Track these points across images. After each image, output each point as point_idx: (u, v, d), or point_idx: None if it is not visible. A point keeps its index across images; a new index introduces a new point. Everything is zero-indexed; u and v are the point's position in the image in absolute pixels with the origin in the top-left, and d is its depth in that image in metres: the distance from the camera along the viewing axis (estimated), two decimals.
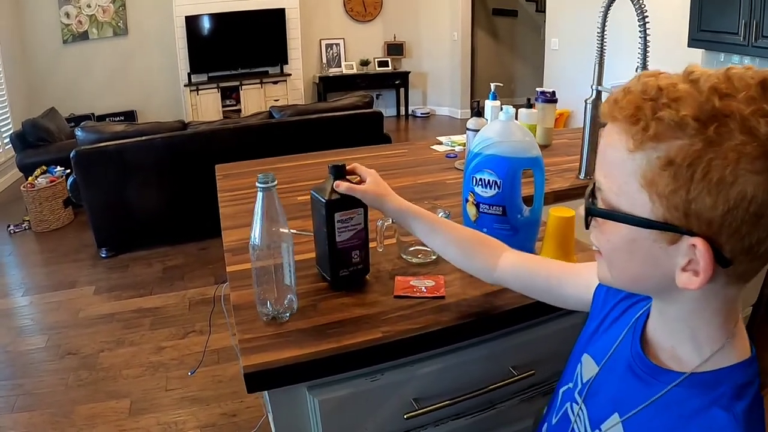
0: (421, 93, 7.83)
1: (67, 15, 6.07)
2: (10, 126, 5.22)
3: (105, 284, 3.15)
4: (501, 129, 1.05)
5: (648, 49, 1.42)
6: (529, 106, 1.93)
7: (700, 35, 3.90)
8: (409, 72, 7.54)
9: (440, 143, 2.03)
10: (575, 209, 1.13)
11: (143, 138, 3.33)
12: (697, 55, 3.96)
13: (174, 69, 6.47)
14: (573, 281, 0.79)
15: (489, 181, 1.04)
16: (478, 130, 1.71)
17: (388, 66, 7.49)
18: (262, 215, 0.81)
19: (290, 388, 0.83)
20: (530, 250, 1.10)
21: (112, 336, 2.63)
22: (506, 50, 8.21)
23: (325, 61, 7.31)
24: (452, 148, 1.94)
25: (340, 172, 0.93)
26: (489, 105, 1.86)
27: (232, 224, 1.27)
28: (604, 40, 1.58)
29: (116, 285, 3.13)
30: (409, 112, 7.72)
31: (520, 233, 1.07)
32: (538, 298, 0.84)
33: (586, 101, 1.68)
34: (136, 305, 2.90)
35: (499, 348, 0.97)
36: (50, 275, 3.31)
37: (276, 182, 0.83)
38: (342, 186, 0.91)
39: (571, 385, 0.72)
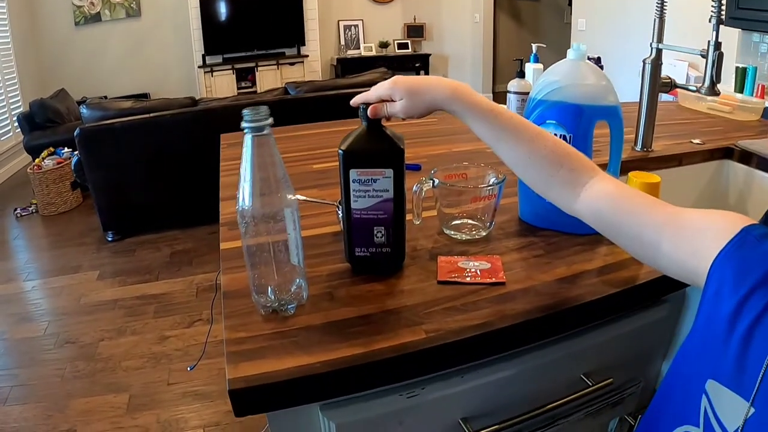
0: (442, 76, 7.56)
1: None
2: (21, 109, 5.09)
3: (109, 269, 2.99)
4: (570, 70, 0.81)
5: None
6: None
7: (739, 13, 3.58)
8: (430, 54, 7.29)
9: None
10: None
11: (151, 115, 3.14)
12: (733, 35, 3.64)
13: (188, 50, 6.31)
14: (675, 235, 0.54)
15: (555, 135, 0.80)
16: (522, 93, 1.49)
17: (407, 48, 7.25)
18: (252, 169, 0.57)
19: (297, 408, 0.61)
20: None
21: (114, 324, 2.46)
22: (529, 33, 7.91)
23: (343, 42, 7.09)
24: None
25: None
26: (531, 68, 1.63)
27: (232, 194, 1.05)
28: None
29: (121, 270, 2.96)
30: None
31: None
32: (626, 249, 0.62)
33: (644, 61, 1.44)
34: (140, 291, 2.73)
35: (571, 351, 0.75)
36: (54, 259, 3.18)
37: (271, 120, 0.59)
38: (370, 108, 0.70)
39: (696, 430, 0.49)
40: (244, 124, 0.57)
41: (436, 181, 0.83)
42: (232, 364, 0.56)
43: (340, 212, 0.78)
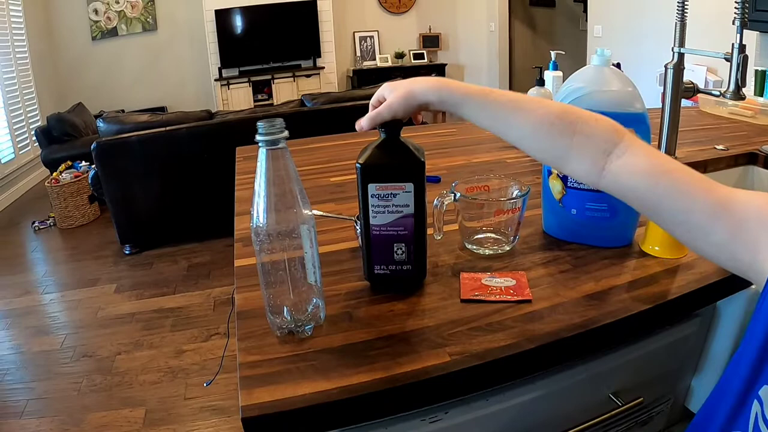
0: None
1: (96, 11, 5.99)
2: (39, 123, 5.16)
3: (127, 282, 2.99)
4: (594, 76, 0.78)
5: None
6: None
7: (757, 15, 3.50)
8: (446, 64, 7.28)
9: None
10: None
11: (168, 128, 3.15)
12: (752, 38, 3.56)
13: (204, 64, 6.36)
14: (730, 226, 0.49)
15: None
16: None
17: (423, 58, 7.24)
18: (266, 185, 0.55)
19: None
20: (629, 238, 0.84)
21: (131, 337, 2.45)
22: (544, 41, 7.86)
23: (359, 54, 7.10)
24: None
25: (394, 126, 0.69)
26: (550, 75, 1.60)
27: (246, 209, 1.03)
28: None
29: (138, 283, 2.96)
30: None
31: (620, 216, 0.80)
32: (665, 229, 0.55)
33: (666, 66, 1.40)
34: (157, 305, 2.72)
35: (599, 370, 0.71)
36: (71, 273, 3.19)
37: (287, 134, 0.56)
38: (362, 122, 0.68)
39: None
40: (258, 137, 0.55)
41: (458, 194, 0.80)
42: (246, 389, 0.53)
43: (358, 228, 0.76)
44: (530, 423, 0.68)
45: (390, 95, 0.66)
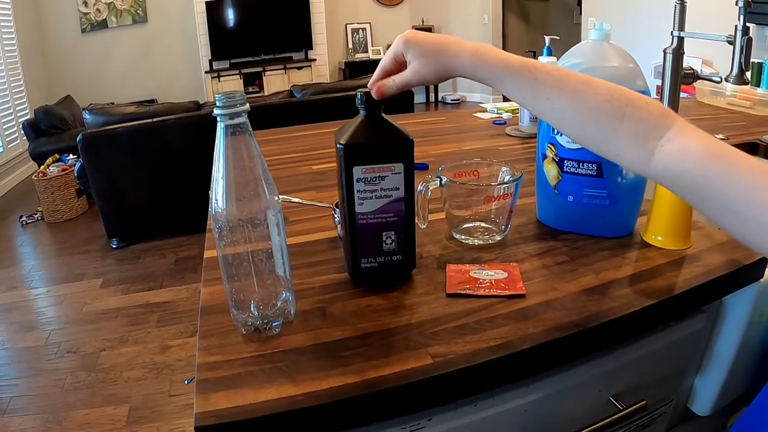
0: (452, 79, 7.50)
1: (86, 3, 5.90)
2: (28, 117, 5.08)
3: (113, 276, 2.93)
4: (593, 51, 0.72)
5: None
6: None
7: (754, 7, 3.44)
8: None
9: (484, 110, 1.70)
10: None
11: (154, 120, 3.07)
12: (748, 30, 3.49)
13: (195, 56, 6.28)
14: None
15: None
16: None
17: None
18: (225, 165, 0.49)
19: None
20: (630, 227, 0.78)
21: (116, 333, 2.40)
22: (538, 34, 7.80)
23: (351, 46, 7.02)
24: (499, 115, 1.61)
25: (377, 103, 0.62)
26: (544, 60, 1.55)
27: None
28: None
29: (125, 277, 2.90)
30: (439, 98, 7.40)
31: (620, 203, 0.74)
32: (715, 222, 0.49)
33: (665, 51, 1.34)
34: (143, 299, 2.67)
35: (599, 371, 0.65)
36: (58, 267, 3.13)
37: (248, 107, 0.50)
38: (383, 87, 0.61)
39: None
40: (216, 111, 0.48)
41: (444, 179, 0.73)
42: (202, 394, 0.47)
43: (336, 216, 0.70)
44: (523, 430, 0.62)
45: (416, 60, 0.59)
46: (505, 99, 1.47)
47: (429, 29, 7.18)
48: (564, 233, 0.79)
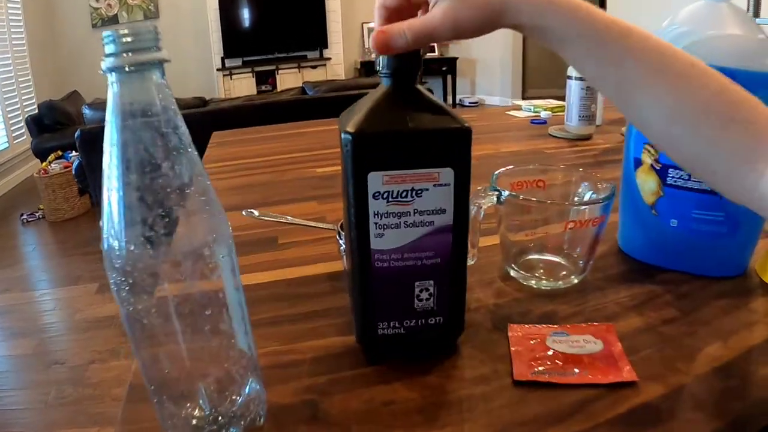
0: (470, 81, 7.33)
1: None
2: (36, 112, 4.97)
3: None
4: (708, 16, 0.52)
5: None
6: None
7: None
8: (457, 58, 7.02)
9: (518, 108, 1.50)
10: None
11: None
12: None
13: (207, 53, 6.17)
14: None
15: None
16: (581, 78, 1.19)
17: (434, 52, 6.99)
18: (122, 158, 0.28)
19: None
20: (745, 263, 0.57)
21: (107, 344, 2.23)
22: None
23: (367, 45, 6.86)
24: (537, 114, 1.41)
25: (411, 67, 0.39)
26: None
27: None
28: None
29: None
30: (457, 101, 7.20)
31: (741, 231, 0.53)
32: None
33: None
34: None
35: None
36: (54, 269, 2.99)
37: (164, 54, 0.29)
38: (395, 37, 0.38)
39: None
40: (105, 61, 0.27)
41: (504, 192, 0.51)
42: None
43: (342, 242, 0.48)
44: None
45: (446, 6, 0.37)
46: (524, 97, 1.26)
47: None
48: (661, 271, 0.57)
